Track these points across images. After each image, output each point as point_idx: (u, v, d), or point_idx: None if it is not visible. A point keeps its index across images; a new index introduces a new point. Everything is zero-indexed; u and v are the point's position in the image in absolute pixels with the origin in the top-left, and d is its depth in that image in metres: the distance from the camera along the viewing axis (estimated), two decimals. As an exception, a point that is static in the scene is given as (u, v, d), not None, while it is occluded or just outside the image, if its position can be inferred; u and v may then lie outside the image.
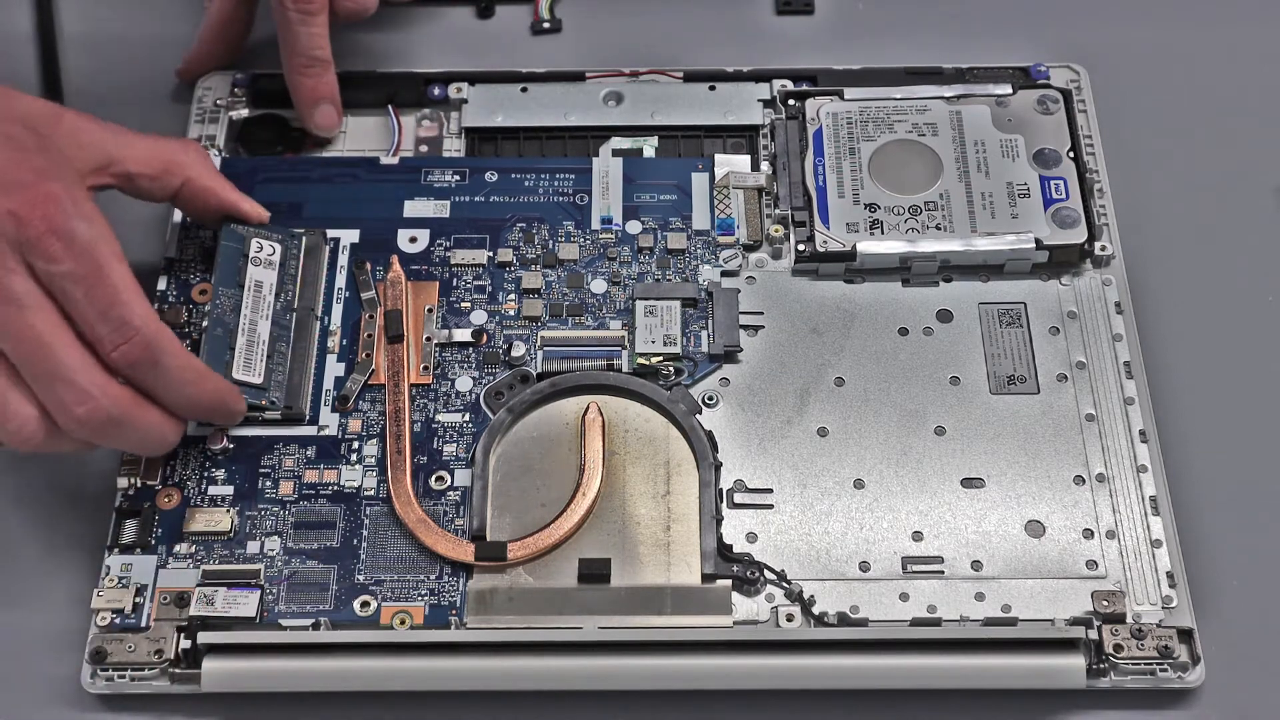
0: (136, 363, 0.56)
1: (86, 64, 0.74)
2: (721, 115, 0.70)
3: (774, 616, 0.58)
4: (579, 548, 0.59)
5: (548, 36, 0.75)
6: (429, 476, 0.61)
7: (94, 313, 0.55)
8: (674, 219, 0.67)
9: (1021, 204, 0.66)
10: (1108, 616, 0.57)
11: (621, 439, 0.62)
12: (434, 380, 0.63)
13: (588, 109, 0.70)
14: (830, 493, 0.60)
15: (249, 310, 0.62)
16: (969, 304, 0.65)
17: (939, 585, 0.58)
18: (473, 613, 0.58)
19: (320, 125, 0.69)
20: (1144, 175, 0.70)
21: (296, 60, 0.68)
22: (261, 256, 0.64)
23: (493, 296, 0.65)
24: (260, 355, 0.62)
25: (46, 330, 0.54)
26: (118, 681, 0.57)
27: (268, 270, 0.64)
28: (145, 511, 0.60)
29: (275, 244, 0.64)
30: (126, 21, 0.76)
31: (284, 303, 0.63)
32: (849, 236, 0.65)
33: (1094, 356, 0.63)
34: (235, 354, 0.61)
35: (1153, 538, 0.59)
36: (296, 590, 0.58)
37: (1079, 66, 0.71)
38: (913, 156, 0.67)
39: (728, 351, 0.63)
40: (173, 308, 0.65)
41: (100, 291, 0.55)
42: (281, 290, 0.64)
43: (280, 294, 0.64)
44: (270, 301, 0.63)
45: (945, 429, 0.62)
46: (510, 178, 0.68)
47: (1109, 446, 0.61)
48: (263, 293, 0.63)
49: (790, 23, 0.76)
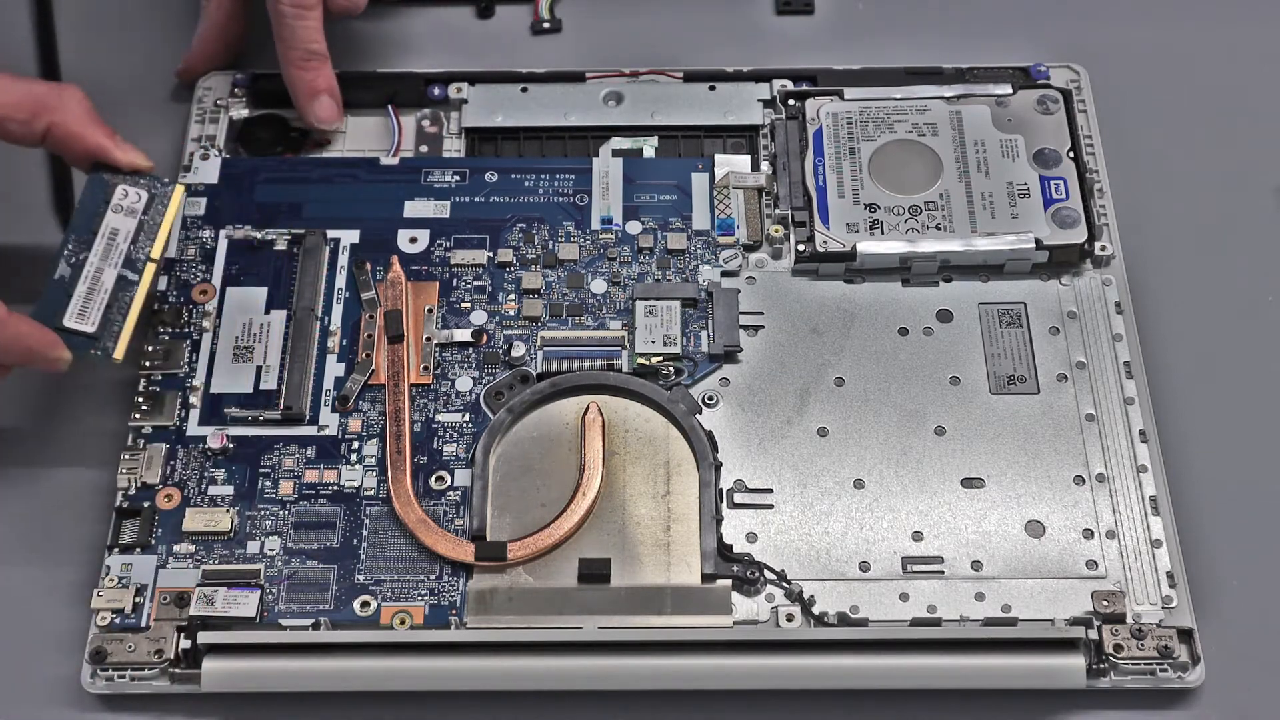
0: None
1: (87, 64, 0.74)
2: (721, 115, 0.70)
3: (774, 616, 0.58)
4: (579, 548, 0.59)
5: (548, 36, 0.75)
6: (429, 476, 0.61)
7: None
8: (674, 219, 0.67)
9: (1021, 204, 0.66)
10: (1108, 616, 0.57)
11: (621, 439, 0.62)
12: (434, 380, 0.63)
13: (588, 109, 0.70)
14: (830, 493, 0.60)
15: (97, 258, 0.61)
16: (969, 304, 0.65)
17: (939, 585, 0.58)
18: (473, 613, 0.58)
19: (321, 118, 0.69)
20: (1144, 175, 0.70)
21: (293, 54, 0.67)
22: (125, 204, 0.62)
23: (493, 297, 0.65)
24: (99, 305, 0.61)
25: None
26: (118, 681, 0.57)
27: (127, 218, 0.62)
28: (145, 511, 0.60)
29: (141, 190, 0.63)
30: (126, 21, 0.76)
31: (140, 249, 0.62)
32: (849, 236, 0.65)
33: (1094, 356, 0.63)
34: (71, 301, 0.60)
35: (1153, 538, 0.59)
36: (296, 590, 0.58)
37: (1079, 66, 0.71)
38: (913, 156, 0.67)
39: (728, 351, 0.63)
40: (172, 308, 0.65)
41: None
42: (139, 237, 0.62)
43: (136, 240, 0.62)
44: (124, 249, 0.62)
45: (945, 429, 0.62)
46: (510, 178, 0.68)
47: (1109, 446, 0.61)
48: (116, 241, 0.62)
49: (790, 23, 0.76)
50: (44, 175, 0.70)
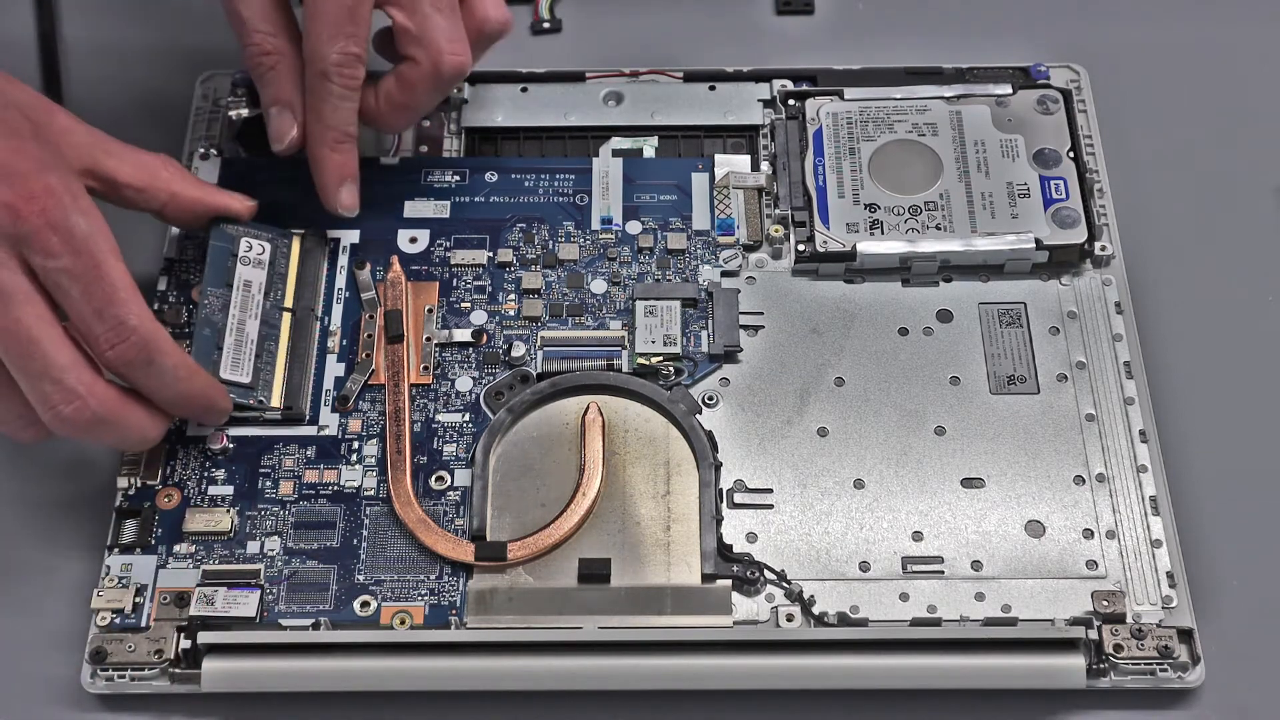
0: (131, 362, 0.56)
1: (86, 64, 0.74)
2: (721, 115, 0.70)
3: (774, 616, 0.58)
4: (579, 548, 0.59)
5: (548, 36, 0.76)
6: (429, 476, 0.61)
7: (90, 310, 0.55)
8: (674, 219, 0.67)
9: (1021, 204, 0.66)
10: (1108, 616, 0.57)
11: (621, 439, 0.62)
12: (434, 380, 0.63)
13: (588, 109, 0.70)
14: (830, 493, 0.60)
15: (237, 309, 0.62)
16: (969, 304, 0.65)
17: (939, 585, 0.58)
18: (473, 613, 0.58)
19: (345, 206, 0.64)
20: (1144, 175, 0.70)
21: (329, 135, 0.63)
22: (251, 256, 0.64)
23: (493, 297, 0.65)
24: (249, 355, 0.62)
25: (35, 326, 0.54)
26: (118, 681, 0.57)
27: (257, 270, 0.63)
28: (145, 511, 0.60)
29: (265, 243, 0.64)
30: (127, 15, 0.76)
31: (273, 302, 0.63)
32: (849, 236, 0.65)
33: (1094, 356, 0.63)
34: (223, 353, 0.61)
35: (1153, 538, 0.59)
36: (296, 590, 0.58)
37: (1079, 66, 0.71)
38: (913, 156, 0.67)
39: (728, 351, 0.63)
40: (172, 308, 0.65)
41: (97, 289, 0.55)
42: (271, 289, 0.64)
43: (270, 293, 0.64)
44: (259, 300, 0.63)
45: (945, 429, 0.62)
46: (510, 178, 0.68)
47: (1109, 446, 0.61)
48: (251, 292, 0.63)
49: (790, 23, 0.76)
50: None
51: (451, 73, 0.62)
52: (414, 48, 0.62)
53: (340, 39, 0.61)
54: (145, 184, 0.60)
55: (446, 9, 0.62)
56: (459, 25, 0.62)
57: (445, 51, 0.62)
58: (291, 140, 0.64)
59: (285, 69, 0.63)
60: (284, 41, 0.63)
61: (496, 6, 0.64)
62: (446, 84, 0.63)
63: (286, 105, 0.63)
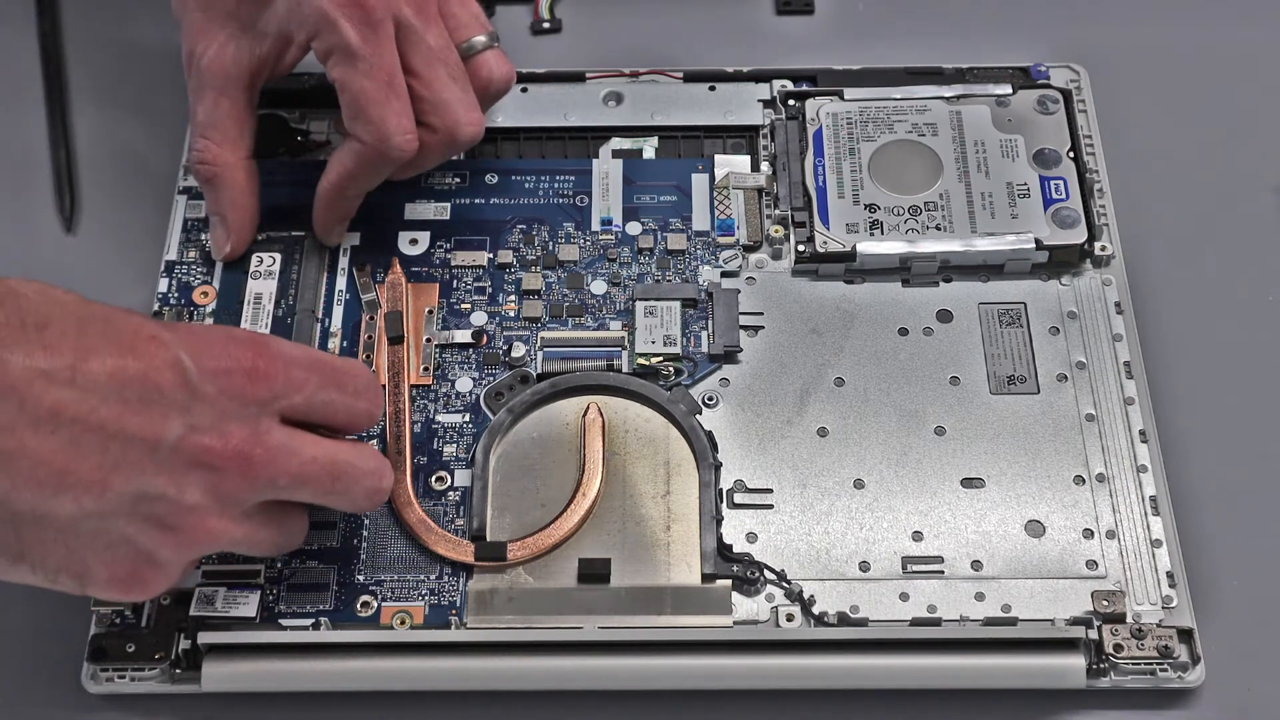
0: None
1: (86, 64, 0.74)
2: (721, 115, 0.70)
3: (774, 616, 0.58)
4: (579, 548, 0.59)
5: (548, 36, 0.76)
6: (429, 477, 0.61)
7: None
8: (674, 220, 0.67)
9: (1021, 204, 0.66)
10: (1108, 616, 0.57)
11: (621, 439, 0.62)
12: (434, 381, 0.63)
13: (588, 109, 0.71)
14: (830, 493, 0.60)
15: (247, 324, 0.63)
16: (969, 304, 0.65)
17: (939, 585, 0.58)
18: (473, 613, 0.58)
19: (334, 243, 0.66)
20: (1144, 175, 0.70)
21: (350, 190, 0.64)
22: (261, 269, 0.64)
23: (493, 298, 0.65)
24: None
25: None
26: (118, 681, 0.57)
27: (267, 281, 0.64)
28: (146, 512, 0.60)
29: (275, 255, 0.65)
30: (125, 14, 0.76)
31: (285, 309, 0.64)
32: (849, 237, 0.65)
33: (1094, 356, 0.63)
34: None
35: (1153, 538, 0.59)
36: (296, 590, 0.58)
37: (1079, 66, 0.71)
38: (913, 157, 0.67)
39: (728, 352, 0.63)
40: (173, 310, 0.65)
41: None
42: (283, 296, 0.64)
43: (281, 301, 0.64)
44: (270, 311, 0.64)
45: (945, 429, 0.62)
46: (510, 179, 0.68)
47: (1109, 446, 0.61)
48: (262, 303, 0.64)
49: (790, 23, 0.76)
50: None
51: (467, 141, 0.63)
52: (431, 116, 0.62)
53: (402, 117, 0.61)
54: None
55: (460, 77, 0.63)
56: (471, 93, 0.63)
57: (462, 122, 0.63)
58: (227, 254, 0.65)
59: (224, 181, 0.64)
60: (227, 152, 0.64)
61: (500, 64, 0.65)
62: (460, 150, 0.65)
63: (222, 219, 0.64)
